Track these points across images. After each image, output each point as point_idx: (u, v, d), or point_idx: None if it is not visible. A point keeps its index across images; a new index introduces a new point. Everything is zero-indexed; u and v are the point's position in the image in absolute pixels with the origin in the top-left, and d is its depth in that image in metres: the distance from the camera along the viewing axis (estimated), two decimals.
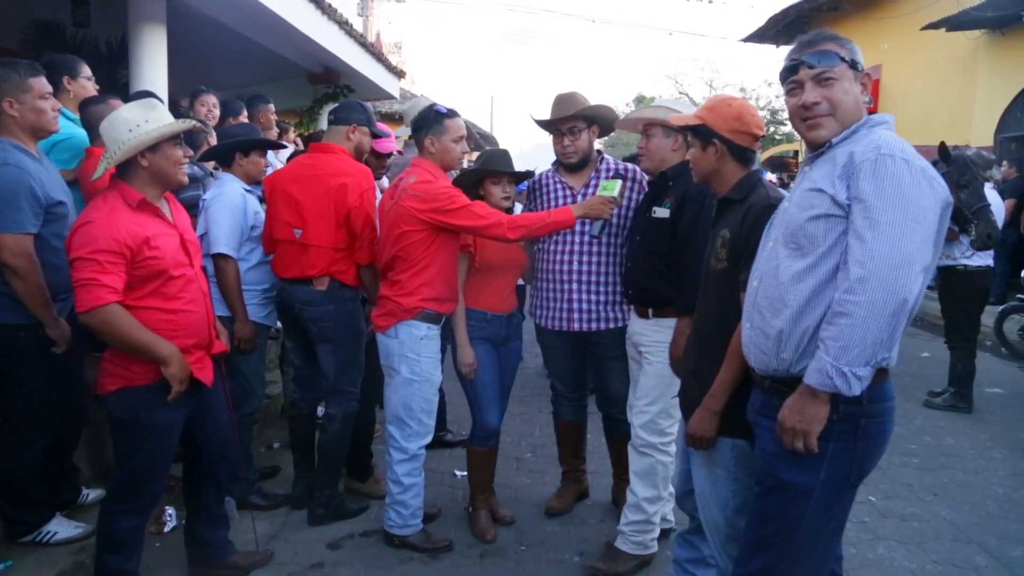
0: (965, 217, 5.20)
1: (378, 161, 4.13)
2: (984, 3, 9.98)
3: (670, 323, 3.00)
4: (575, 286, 3.40)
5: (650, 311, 3.12)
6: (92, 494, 3.44)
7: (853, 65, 1.97)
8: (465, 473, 3.70)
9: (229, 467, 3.03)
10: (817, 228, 1.90)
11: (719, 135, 2.38)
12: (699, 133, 2.43)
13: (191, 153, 2.72)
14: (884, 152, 1.81)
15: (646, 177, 3.51)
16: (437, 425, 3.95)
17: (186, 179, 2.65)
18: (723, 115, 2.39)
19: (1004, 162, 10.06)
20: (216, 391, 2.80)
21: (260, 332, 3.67)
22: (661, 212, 3.05)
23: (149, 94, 4.25)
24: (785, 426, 1.90)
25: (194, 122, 2.68)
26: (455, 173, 3.54)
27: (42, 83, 2.91)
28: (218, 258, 3.44)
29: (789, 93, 2.04)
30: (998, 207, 5.56)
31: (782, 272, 1.96)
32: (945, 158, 5.27)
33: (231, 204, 3.50)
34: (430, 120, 3.28)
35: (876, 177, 1.79)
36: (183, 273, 2.60)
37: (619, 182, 3.20)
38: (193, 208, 3.61)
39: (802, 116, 2.00)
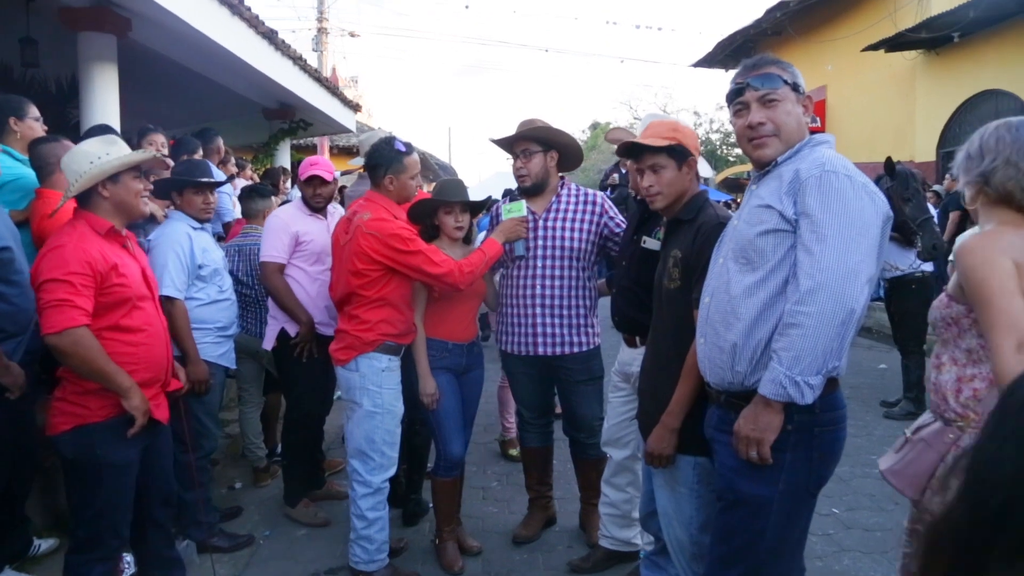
0: (911, 229, 5.37)
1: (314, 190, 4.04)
2: (918, 25, 10.38)
3: None
4: (539, 311, 3.41)
5: (638, 339, 3.08)
6: (44, 544, 3.32)
7: (795, 87, 2.05)
8: (431, 504, 3.66)
9: (172, 512, 2.94)
10: (766, 243, 1.96)
11: (692, 154, 2.45)
12: (677, 153, 2.47)
13: (151, 186, 2.77)
14: (828, 169, 1.88)
15: (606, 200, 3.54)
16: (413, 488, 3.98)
17: (147, 210, 2.70)
18: (689, 136, 2.49)
19: (947, 176, 10.40)
20: (163, 433, 2.75)
21: (216, 372, 3.61)
22: (651, 243, 2.94)
23: (107, 128, 4.22)
24: (740, 435, 1.94)
25: (153, 153, 2.71)
26: None
27: None
28: (163, 301, 3.37)
29: (736, 115, 2.11)
30: None
31: (733, 287, 2.02)
32: (891, 172, 5.45)
33: (175, 244, 3.44)
34: (390, 158, 3.26)
35: (821, 193, 1.86)
36: (144, 306, 2.61)
37: (523, 202, 3.34)
38: None
39: (748, 136, 2.07)
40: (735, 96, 2.09)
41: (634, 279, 3.02)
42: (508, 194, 3.60)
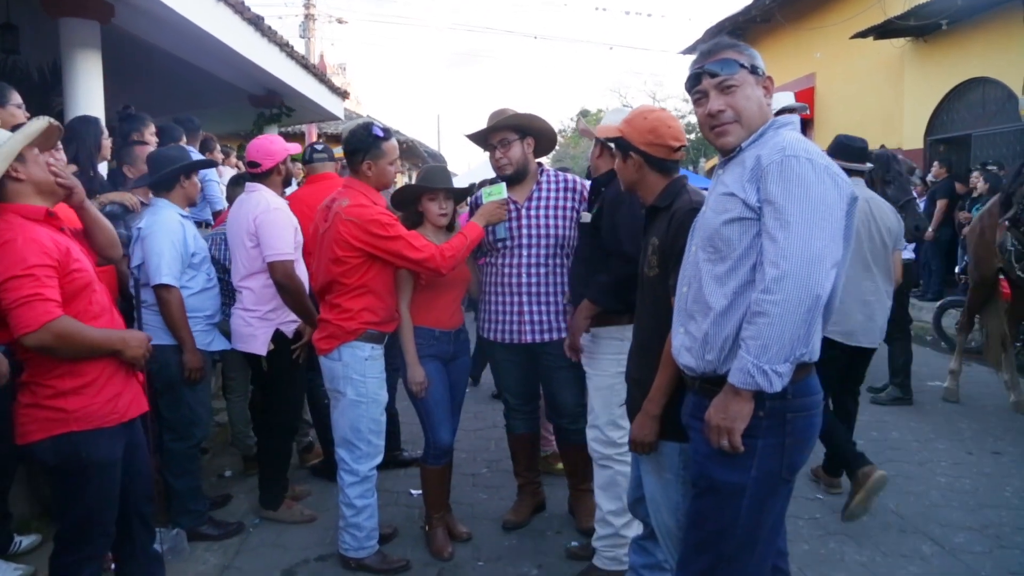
0: None
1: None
2: (907, 12, 10.40)
3: (606, 333, 3.04)
4: (525, 298, 3.41)
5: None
6: (25, 541, 3.27)
7: (753, 70, 2.03)
8: (420, 492, 3.67)
9: (153, 507, 2.78)
10: (732, 232, 1.95)
11: (635, 148, 2.43)
12: (619, 145, 2.48)
13: (59, 156, 2.50)
14: (789, 153, 1.86)
15: (585, 187, 3.56)
16: (391, 444, 3.89)
17: (64, 182, 2.43)
18: (639, 128, 2.45)
19: (935, 163, 10.45)
20: (138, 427, 2.59)
21: (205, 360, 3.60)
22: (585, 217, 3.13)
23: (88, 119, 4.17)
24: (710, 424, 1.93)
25: (49, 120, 2.37)
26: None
27: None
28: (160, 289, 3.36)
29: (696, 103, 2.10)
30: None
31: (704, 276, 2.02)
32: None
33: (170, 232, 3.42)
34: (368, 144, 3.24)
35: (783, 178, 1.84)
36: (99, 288, 2.43)
37: (503, 185, 3.34)
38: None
39: (710, 125, 2.05)
40: (693, 84, 2.08)
41: (578, 255, 3.19)
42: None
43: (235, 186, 4.50)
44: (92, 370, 2.32)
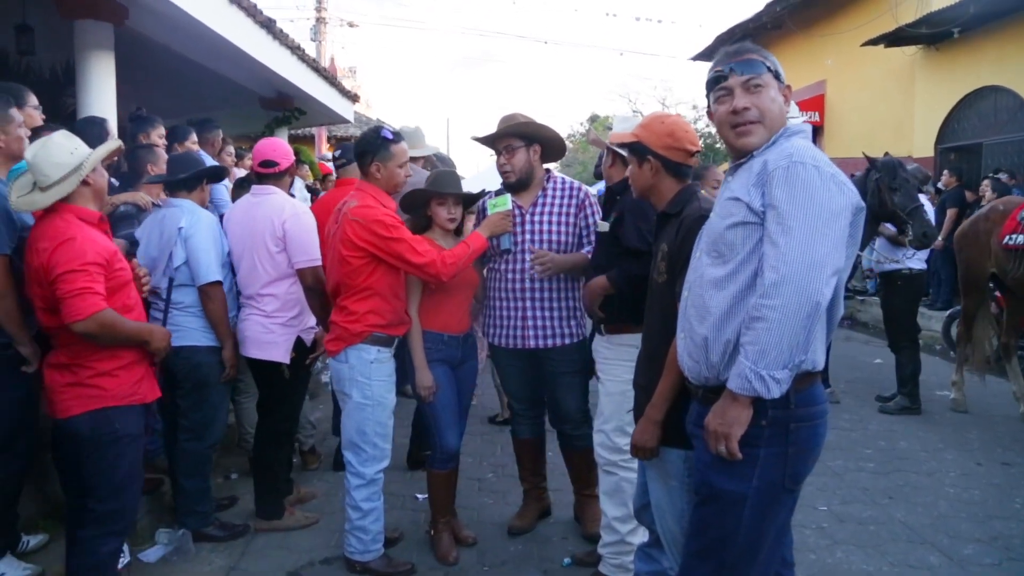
0: (901, 219, 5.39)
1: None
2: (918, 20, 10.36)
3: (620, 340, 3.03)
4: (528, 303, 3.42)
5: (602, 327, 3.14)
6: (33, 540, 3.26)
7: (776, 75, 2.02)
8: (426, 496, 3.67)
9: None
10: (735, 236, 1.95)
11: (653, 151, 2.43)
12: (635, 150, 2.48)
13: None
14: (795, 159, 1.85)
15: (590, 195, 3.57)
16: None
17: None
18: (656, 132, 2.44)
19: (945, 172, 10.40)
20: None
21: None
22: (603, 226, 3.12)
23: (95, 120, 4.20)
24: (709, 430, 1.92)
25: (120, 143, 2.83)
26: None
27: (18, 113, 3.09)
28: (208, 286, 3.41)
29: (718, 101, 2.07)
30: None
31: (705, 280, 2.01)
32: (873, 165, 5.48)
33: (212, 232, 3.48)
34: (377, 146, 3.25)
35: (788, 184, 1.83)
36: (132, 286, 2.75)
37: (507, 196, 3.36)
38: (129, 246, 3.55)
39: (732, 123, 2.03)
40: (717, 82, 2.06)
41: (595, 264, 3.15)
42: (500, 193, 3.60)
43: (240, 188, 4.52)
44: (125, 355, 2.67)
